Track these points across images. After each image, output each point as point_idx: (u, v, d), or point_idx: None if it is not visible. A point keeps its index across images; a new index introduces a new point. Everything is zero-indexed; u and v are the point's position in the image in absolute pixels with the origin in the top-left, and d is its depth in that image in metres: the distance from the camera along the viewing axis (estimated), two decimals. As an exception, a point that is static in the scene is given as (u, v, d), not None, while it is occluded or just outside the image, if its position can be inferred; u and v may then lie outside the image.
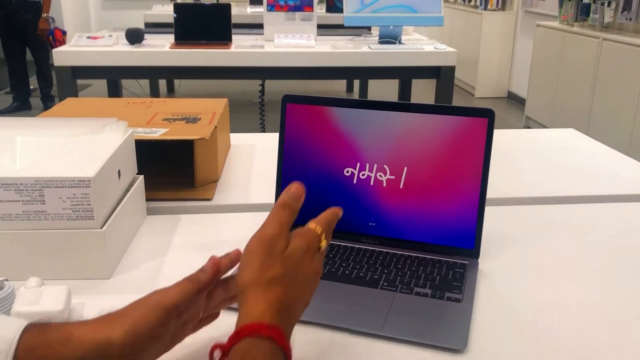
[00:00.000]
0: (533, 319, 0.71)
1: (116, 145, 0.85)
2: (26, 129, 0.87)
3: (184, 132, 1.05)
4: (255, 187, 1.13)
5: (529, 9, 5.66)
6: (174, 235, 0.93)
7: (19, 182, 0.73)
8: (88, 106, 1.25)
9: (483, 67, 6.08)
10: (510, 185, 1.16)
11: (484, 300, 0.75)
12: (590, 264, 0.86)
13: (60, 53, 2.94)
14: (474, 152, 0.83)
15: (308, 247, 0.56)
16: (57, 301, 0.67)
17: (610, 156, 1.35)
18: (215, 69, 3.05)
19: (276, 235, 0.55)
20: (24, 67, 5.31)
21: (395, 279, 0.77)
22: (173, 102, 1.30)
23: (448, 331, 0.67)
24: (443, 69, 3.15)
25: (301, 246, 0.56)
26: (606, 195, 1.12)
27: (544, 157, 1.34)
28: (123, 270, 0.82)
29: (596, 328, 0.70)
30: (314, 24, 3.37)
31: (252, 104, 5.48)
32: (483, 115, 0.82)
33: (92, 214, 0.75)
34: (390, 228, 0.86)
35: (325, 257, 0.83)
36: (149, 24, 4.89)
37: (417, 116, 0.85)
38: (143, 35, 3.10)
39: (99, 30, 5.79)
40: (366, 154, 0.87)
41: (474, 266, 0.82)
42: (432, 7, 3.16)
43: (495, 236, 0.93)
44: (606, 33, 3.97)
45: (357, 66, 3.11)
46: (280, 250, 0.55)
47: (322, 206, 0.88)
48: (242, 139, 1.43)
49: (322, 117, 0.88)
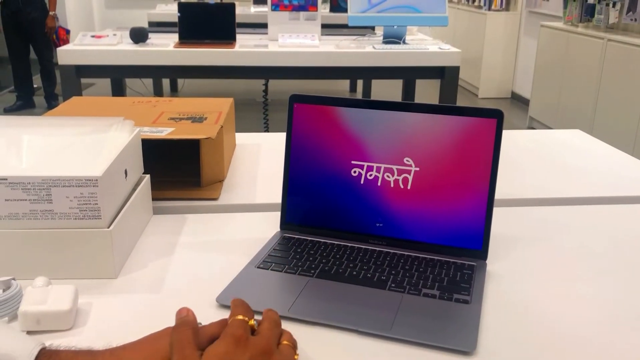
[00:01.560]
0: (542, 320, 0.71)
1: (123, 145, 0.85)
2: (32, 128, 0.87)
3: (190, 132, 1.05)
4: (261, 187, 1.12)
5: (533, 10, 5.65)
6: (180, 234, 0.93)
7: (27, 181, 0.73)
8: (94, 105, 1.25)
9: (487, 67, 6.08)
10: (516, 186, 1.15)
11: (492, 301, 0.75)
12: (598, 265, 0.85)
13: (64, 52, 2.94)
14: (483, 153, 0.82)
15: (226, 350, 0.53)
16: (64, 301, 0.67)
17: (616, 157, 1.34)
18: (219, 69, 3.05)
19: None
20: (27, 65, 5.32)
21: (403, 280, 0.77)
22: (179, 102, 1.30)
23: (457, 333, 0.67)
24: (447, 69, 3.14)
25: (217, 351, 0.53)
26: (613, 196, 1.11)
27: (550, 158, 1.33)
28: (129, 270, 0.82)
29: (606, 330, 0.69)
30: (318, 24, 3.36)
31: (256, 103, 5.48)
32: (492, 116, 0.82)
33: (99, 213, 0.75)
34: (398, 229, 0.86)
35: (333, 257, 0.82)
36: (153, 23, 4.90)
37: (425, 116, 0.84)
38: (147, 34, 3.10)
39: (102, 29, 5.79)
40: (374, 154, 0.86)
41: (482, 267, 0.81)
42: (437, 7, 3.16)
43: (503, 237, 0.93)
44: (611, 34, 3.96)
45: (361, 66, 3.11)
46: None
47: (329, 206, 0.89)
48: (247, 139, 1.43)
49: (329, 117, 0.88)
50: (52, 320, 0.66)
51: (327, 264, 0.81)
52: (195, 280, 0.79)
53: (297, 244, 0.86)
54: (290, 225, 0.91)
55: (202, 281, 0.79)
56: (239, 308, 0.58)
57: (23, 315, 0.65)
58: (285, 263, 0.81)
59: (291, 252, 0.84)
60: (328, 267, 0.80)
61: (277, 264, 0.81)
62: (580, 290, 0.78)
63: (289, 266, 0.80)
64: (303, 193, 0.90)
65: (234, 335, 0.54)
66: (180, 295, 0.75)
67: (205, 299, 0.73)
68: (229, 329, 0.55)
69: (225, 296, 0.73)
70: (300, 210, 0.90)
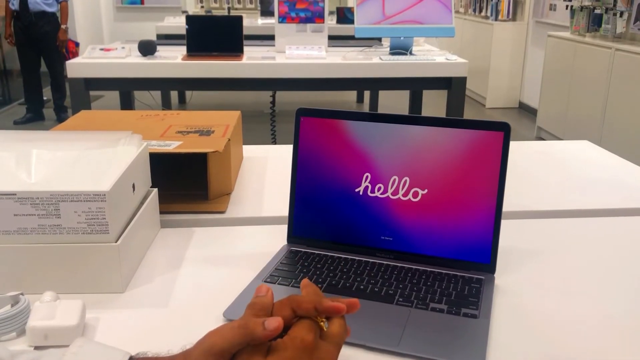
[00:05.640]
0: (551, 335, 0.70)
1: (131, 159, 0.85)
2: (41, 142, 0.87)
3: (197, 145, 1.06)
4: (268, 200, 1.12)
5: (540, 20, 5.65)
6: (188, 248, 0.93)
7: (35, 196, 0.73)
8: (102, 119, 1.26)
9: (494, 77, 6.07)
10: (524, 198, 1.15)
11: (500, 316, 0.74)
12: (607, 278, 0.84)
13: (73, 65, 2.97)
14: (490, 166, 0.82)
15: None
16: (72, 316, 0.67)
17: (626, 169, 1.33)
18: (227, 81, 3.07)
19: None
20: (38, 78, 5.37)
21: (410, 295, 0.76)
22: (186, 115, 1.30)
23: (465, 348, 0.66)
24: (454, 79, 3.14)
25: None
26: (623, 208, 1.10)
27: (558, 169, 1.32)
28: (137, 284, 0.82)
29: (618, 345, 0.68)
30: (325, 36, 3.38)
31: (263, 115, 5.50)
32: (499, 129, 0.82)
33: (107, 227, 0.75)
34: (405, 242, 0.85)
35: (340, 271, 0.82)
36: (161, 36, 4.94)
37: (432, 129, 0.84)
38: (155, 47, 3.13)
39: (111, 41, 5.84)
40: (381, 167, 0.86)
41: (490, 281, 0.81)
42: (443, 18, 3.17)
43: (511, 250, 0.92)
44: (618, 43, 3.95)
45: (368, 77, 3.12)
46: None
47: (336, 219, 0.88)
48: (254, 151, 1.43)
49: (336, 130, 0.88)
50: (60, 335, 0.66)
51: (335, 278, 0.80)
52: (203, 295, 0.79)
53: (304, 258, 0.86)
54: (298, 239, 0.91)
55: (209, 295, 0.79)
56: (309, 288, 0.57)
57: (31, 330, 0.65)
58: (292, 277, 0.81)
59: (298, 265, 0.84)
60: (335, 281, 0.80)
61: (284, 278, 0.81)
62: (591, 305, 0.77)
63: (296, 280, 0.80)
64: (310, 206, 0.90)
65: (303, 341, 0.52)
66: (187, 310, 0.75)
67: (212, 313, 0.73)
68: (298, 331, 0.53)
69: (232, 311, 0.73)
70: (308, 224, 0.90)
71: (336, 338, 0.55)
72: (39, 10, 5.07)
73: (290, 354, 0.51)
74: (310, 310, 0.54)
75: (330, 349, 0.54)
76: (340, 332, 0.55)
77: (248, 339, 0.51)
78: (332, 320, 0.56)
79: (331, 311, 0.55)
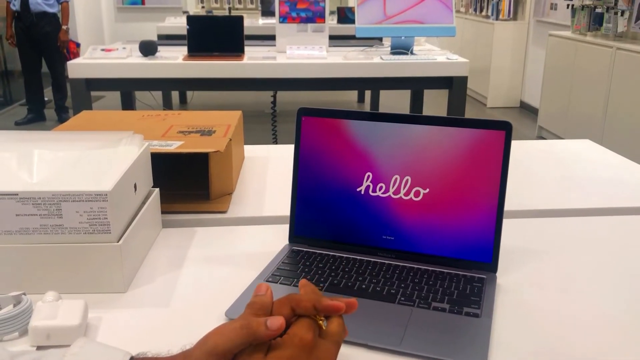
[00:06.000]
0: (553, 334, 0.70)
1: (132, 159, 0.86)
2: (43, 143, 0.87)
3: (199, 145, 1.06)
4: (269, 200, 1.12)
5: (541, 19, 5.65)
6: (189, 248, 0.93)
7: (37, 196, 0.73)
8: (103, 119, 1.26)
9: (495, 77, 6.07)
10: (525, 197, 1.15)
11: (502, 315, 0.74)
12: (610, 277, 0.84)
13: (75, 65, 2.97)
14: (491, 165, 0.82)
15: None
16: (74, 316, 0.67)
17: (628, 168, 1.33)
18: (228, 81, 3.07)
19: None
20: (40, 79, 5.38)
21: (412, 294, 0.76)
22: (187, 115, 1.30)
23: (467, 347, 0.66)
24: (455, 79, 3.14)
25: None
26: (625, 207, 1.10)
27: (560, 168, 1.32)
28: (139, 284, 0.82)
29: (620, 345, 0.68)
30: (326, 35, 3.38)
31: (264, 115, 5.50)
32: (500, 128, 0.82)
33: (108, 227, 0.75)
34: (407, 241, 0.85)
35: (342, 271, 0.82)
36: (162, 36, 4.94)
37: (434, 129, 0.84)
38: (156, 47, 3.13)
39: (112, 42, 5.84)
40: (382, 166, 0.86)
41: (492, 280, 0.81)
42: (444, 17, 3.16)
43: (513, 249, 0.92)
44: (620, 42, 3.95)
45: (369, 77, 3.12)
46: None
47: (338, 219, 0.88)
48: (255, 151, 1.43)
49: (337, 130, 0.88)
50: (62, 335, 0.66)
51: (336, 277, 0.80)
52: (204, 294, 0.79)
53: (305, 257, 0.86)
54: (299, 238, 0.91)
55: (211, 295, 0.79)
56: (307, 287, 0.57)
57: (33, 330, 0.66)
58: (294, 277, 0.81)
59: (300, 265, 0.84)
60: (337, 281, 0.80)
61: (285, 277, 0.81)
62: (593, 303, 0.77)
63: (297, 280, 0.80)
64: (312, 206, 0.90)
65: (302, 339, 0.52)
66: (189, 310, 0.75)
67: (214, 313, 0.73)
68: (297, 329, 0.53)
69: (234, 310, 0.73)
70: (309, 223, 0.90)
71: (335, 337, 0.55)
72: (40, 11, 5.07)
73: (290, 352, 0.51)
74: (309, 308, 0.54)
75: (329, 348, 0.54)
76: (339, 331, 0.56)
77: (251, 339, 0.51)
78: (330, 319, 0.56)
79: (330, 310, 0.55)
